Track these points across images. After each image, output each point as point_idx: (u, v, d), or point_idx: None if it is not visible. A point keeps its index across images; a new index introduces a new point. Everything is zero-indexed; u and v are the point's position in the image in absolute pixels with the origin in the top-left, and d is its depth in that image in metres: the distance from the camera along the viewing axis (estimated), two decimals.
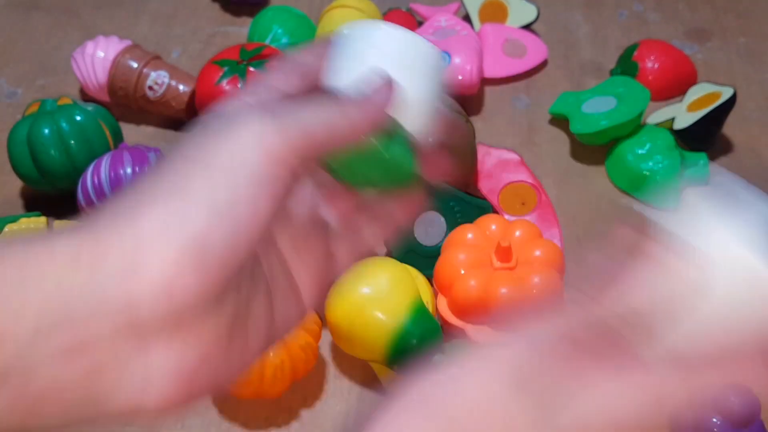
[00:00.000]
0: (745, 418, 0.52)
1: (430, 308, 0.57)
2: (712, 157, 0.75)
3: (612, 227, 0.27)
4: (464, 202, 0.65)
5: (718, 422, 0.52)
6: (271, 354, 0.52)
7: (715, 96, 0.74)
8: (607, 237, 0.26)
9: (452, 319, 0.57)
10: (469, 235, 0.59)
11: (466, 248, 0.58)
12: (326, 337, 0.60)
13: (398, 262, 0.58)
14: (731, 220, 0.23)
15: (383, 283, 0.55)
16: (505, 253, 0.56)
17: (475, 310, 0.56)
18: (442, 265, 0.58)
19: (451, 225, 0.64)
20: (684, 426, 0.53)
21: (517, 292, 0.55)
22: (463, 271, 0.57)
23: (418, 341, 0.53)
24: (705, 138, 0.74)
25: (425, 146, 0.31)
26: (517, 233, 0.59)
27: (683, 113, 0.75)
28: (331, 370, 0.59)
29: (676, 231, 0.23)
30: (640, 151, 0.71)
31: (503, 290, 0.55)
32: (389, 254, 0.63)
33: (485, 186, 0.70)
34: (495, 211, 0.67)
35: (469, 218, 0.64)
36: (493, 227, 0.60)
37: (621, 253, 0.26)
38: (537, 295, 0.55)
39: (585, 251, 0.27)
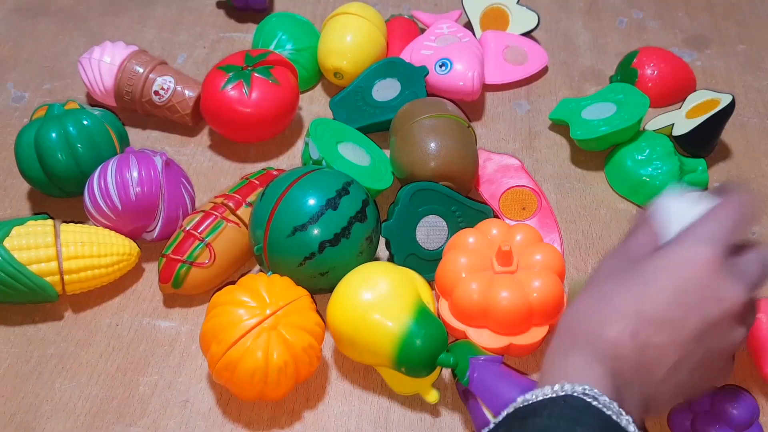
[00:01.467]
0: (744, 422, 0.52)
1: (431, 308, 0.57)
2: (711, 164, 0.76)
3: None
4: (465, 207, 0.66)
5: (718, 426, 0.52)
6: (275, 356, 0.53)
7: (713, 103, 0.74)
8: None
9: (453, 321, 0.58)
10: (471, 239, 0.60)
11: (467, 252, 0.59)
12: (329, 340, 0.61)
13: (395, 265, 0.59)
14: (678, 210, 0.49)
15: (383, 287, 0.55)
16: (505, 257, 0.57)
17: (476, 314, 0.57)
18: (443, 269, 0.59)
19: (453, 229, 0.65)
20: (684, 431, 0.54)
21: (518, 295, 0.56)
22: (464, 275, 0.58)
23: (424, 341, 0.54)
24: (704, 144, 0.75)
25: None
26: (518, 238, 0.60)
27: (682, 120, 0.75)
28: (334, 372, 0.60)
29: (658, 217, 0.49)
30: (639, 157, 0.72)
31: (504, 294, 0.55)
32: (390, 258, 0.64)
33: (486, 190, 0.71)
34: (495, 216, 0.68)
35: (471, 222, 0.65)
36: (494, 231, 0.61)
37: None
38: (537, 299, 0.56)
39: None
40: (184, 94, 0.77)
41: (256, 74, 0.73)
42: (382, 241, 0.64)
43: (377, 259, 0.66)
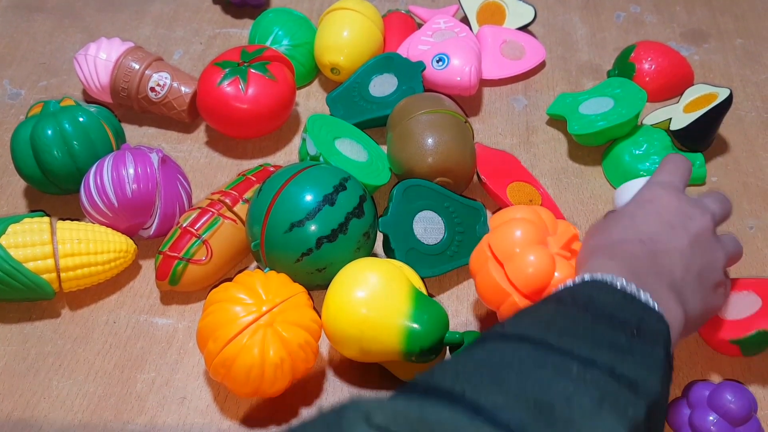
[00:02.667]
0: (742, 416, 0.52)
1: (424, 291, 0.57)
2: (709, 158, 0.76)
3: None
4: (457, 203, 0.66)
5: (715, 420, 0.52)
6: (272, 353, 0.53)
7: (711, 97, 0.74)
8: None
9: (504, 283, 0.55)
10: (525, 215, 0.58)
11: (528, 225, 0.56)
12: (326, 336, 0.61)
13: (377, 258, 0.58)
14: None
15: (374, 282, 0.55)
16: (573, 241, 0.57)
17: (537, 286, 0.54)
18: (502, 235, 0.56)
19: (448, 223, 0.65)
20: (682, 424, 0.54)
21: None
22: (518, 249, 0.55)
23: (428, 326, 0.54)
24: (701, 139, 0.75)
25: None
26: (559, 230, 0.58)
27: (680, 114, 0.75)
28: (331, 369, 0.60)
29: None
30: (636, 152, 0.72)
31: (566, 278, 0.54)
32: (390, 255, 0.64)
33: (492, 182, 0.69)
34: (493, 211, 0.68)
35: (464, 217, 0.65)
36: (543, 215, 0.58)
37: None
38: None
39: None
40: (180, 91, 0.77)
41: (252, 70, 0.73)
42: (379, 237, 0.64)
43: (375, 255, 0.66)
